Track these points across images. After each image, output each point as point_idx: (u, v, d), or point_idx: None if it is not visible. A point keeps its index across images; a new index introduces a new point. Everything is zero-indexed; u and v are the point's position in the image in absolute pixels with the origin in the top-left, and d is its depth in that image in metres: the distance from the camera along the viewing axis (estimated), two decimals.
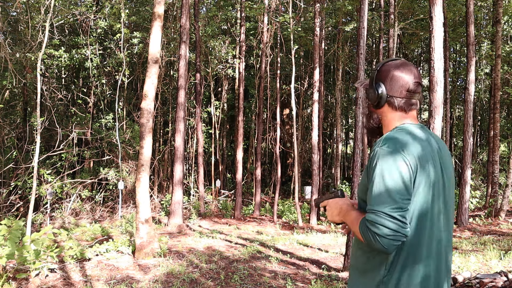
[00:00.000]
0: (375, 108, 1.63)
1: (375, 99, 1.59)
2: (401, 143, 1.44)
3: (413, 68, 1.57)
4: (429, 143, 1.50)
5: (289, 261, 6.41)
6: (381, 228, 1.35)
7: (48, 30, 7.66)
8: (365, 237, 1.40)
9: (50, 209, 10.40)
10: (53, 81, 14.35)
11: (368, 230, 1.39)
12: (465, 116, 9.39)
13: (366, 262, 1.52)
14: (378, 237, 1.36)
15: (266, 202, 15.21)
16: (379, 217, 1.37)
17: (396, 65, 1.57)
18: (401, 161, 1.41)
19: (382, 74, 1.58)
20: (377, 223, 1.36)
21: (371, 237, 1.38)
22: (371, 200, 1.41)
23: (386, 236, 1.35)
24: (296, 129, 14.34)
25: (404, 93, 1.55)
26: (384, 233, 1.35)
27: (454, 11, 12.76)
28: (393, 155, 1.42)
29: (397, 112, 1.58)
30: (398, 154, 1.42)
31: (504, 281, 4.19)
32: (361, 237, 1.43)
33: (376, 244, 1.37)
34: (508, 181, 9.50)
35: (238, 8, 15.97)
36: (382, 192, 1.39)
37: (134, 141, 12.99)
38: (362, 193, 1.57)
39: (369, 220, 1.39)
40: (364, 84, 1.71)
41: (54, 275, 5.27)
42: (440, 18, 4.94)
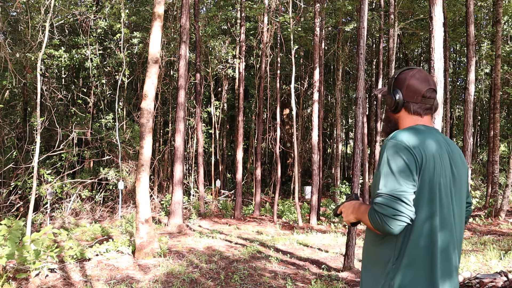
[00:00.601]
0: (393, 112, 1.77)
1: (393, 104, 1.73)
2: (407, 136, 1.58)
3: (428, 76, 1.71)
4: (437, 142, 1.61)
5: (289, 261, 6.41)
6: (387, 209, 1.46)
7: (48, 30, 7.66)
8: (373, 221, 1.51)
9: (50, 209, 10.40)
10: (53, 81, 14.35)
11: (375, 213, 1.49)
12: (465, 116, 9.39)
13: (377, 253, 1.61)
14: (384, 217, 1.46)
15: (266, 202, 15.22)
16: (384, 199, 1.49)
17: (412, 74, 1.71)
18: (405, 150, 1.53)
19: (399, 82, 1.72)
20: (383, 204, 1.48)
21: (377, 218, 1.48)
22: (379, 184, 1.53)
23: (391, 216, 1.45)
24: (296, 129, 14.34)
25: (419, 99, 1.69)
26: (389, 213, 1.46)
27: (454, 11, 12.76)
28: (399, 145, 1.55)
29: (413, 116, 1.71)
30: (403, 144, 1.55)
31: (504, 281, 4.19)
32: (370, 224, 1.53)
33: (383, 225, 1.47)
34: (508, 181, 9.50)
35: (238, 8, 15.97)
36: (388, 176, 1.52)
37: (134, 141, 12.99)
38: (373, 187, 1.67)
39: (376, 202, 1.50)
40: (383, 91, 1.83)
41: (54, 275, 5.27)
42: (440, 18, 4.93)
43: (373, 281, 1.62)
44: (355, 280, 5.29)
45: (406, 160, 1.51)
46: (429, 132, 1.62)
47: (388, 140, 1.60)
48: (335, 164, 16.79)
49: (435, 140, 1.60)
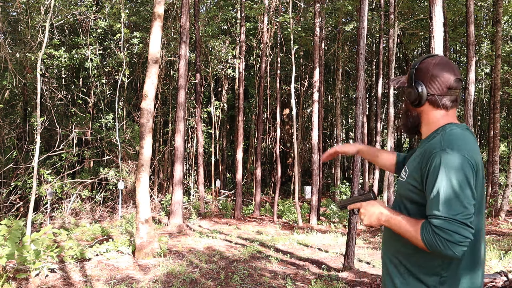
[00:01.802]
0: (415, 106, 1.60)
1: (416, 98, 1.56)
2: (463, 147, 1.42)
3: (452, 65, 1.56)
4: (477, 145, 1.51)
5: (289, 261, 6.41)
6: (454, 235, 1.34)
7: (48, 30, 7.66)
8: (431, 243, 1.37)
9: (50, 209, 10.40)
10: (53, 81, 14.35)
11: (437, 237, 1.36)
12: (465, 116, 9.38)
13: (422, 262, 1.50)
14: (450, 244, 1.34)
15: (266, 202, 15.22)
16: (451, 224, 1.34)
17: (435, 63, 1.55)
18: (467, 166, 1.38)
19: (421, 72, 1.56)
20: (450, 230, 1.34)
21: (439, 243, 1.35)
22: (439, 205, 1.37)
23: (458, 243, 1.33)
24: (296, 129, 14.34)
25: (445, 91, 1.53)
26: (457, 240, 1.33)
27: (454, 11, 12.76)
28: (459, 160, 1.39)
29: (439, 110, 1.56)
30: (463, 158, 1.39)
31: (504, 281, 4.19)
32: (423, 243, 1.40)
33: (446, 250, 1.35)
34: (508, 181, 9.50)
35: (238, 8, 15.96)
36: (452, 198, 1.36)
37: (134, 141, 12.99)
38: (406, 191, 1.55)
39: (440, 226, 1.35)
40: (400, 82, 1.68)
41: (54, 275, 5.27)
42: (440, 18, 4.94)
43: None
44: (355, 280, 5.29)
45: (468, 178, 1.37)
46: (473, 137, 1.50)
47: (443, 150, 1.42)
48: (335, 164, 16.78)
49: (477, 145, 1.50)
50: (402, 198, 1.58)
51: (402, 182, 1.59)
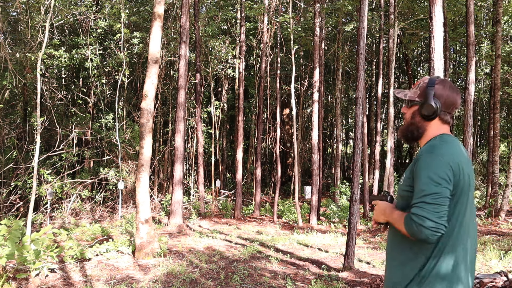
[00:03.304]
0: (426, 120, 1.82)
1: (432, 112, 1.79)
2: (444, 151, 1.68)
3: (457, 89, 1.85)
4: (465, 153, 1.77)
5: (289, 261, 6.41)
6: (425, 220, 1.57)
7: (48, 30, 7.66)
8: (410, 229, 1.61)
9: (50, 209, 10.40)
10: (53, 81, 14.34)
11: (413, 223, 1.59)
12: (465, 116, 9.38)
13: (408, 253, 1.72)
14: (423, 228, 1.57)
15: (266, 202, 15.21)
16: (424, 211, 1.58)
17: (449, 86, 1.82)
18: (445, 164, 1.64)
19: (438, 92, 1.80)
20: (422, 216, 1.58)
21: (415, 228, 1.59)
22: (416, 197, 1.63)
23: (429, 228, 1.56)
24: (296, 129, 14.34)
25: (452, 109, 1.82)
26: (428, 225, 1.56)
27: (454, 11, 12.76)
28: (435, 161, 1.65)
29: (443, 125, 1.83)
30: (439, 159, 1.65)
31: (504, 281, 4.19)
32: (406, 230, 1.64)
33: (420, 234, 1.58)
34: (508, 181, 9.50)
35: (238, 8, 15.96)
36: (426, 190, 1.61)
37: (134, 141, 12.99)
38: (403, 193, 1.79)
39: (415, 213, 1.60)
40: (408, 96, 1.88)
41: (54, 275, 5.27)
42: (440, 18, 4.93)
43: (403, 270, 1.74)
44: (355, 280, 5.29)
45: (445, 175, 1.62)
46: (460, 145, 1.78)
47: (427, 152, 1.68)
48: (335, 164, 16.78)
49: (464, 153, 1.76)
50: (402, 200, 1.81)
51: (400, 185, 1.84)
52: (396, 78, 22.95)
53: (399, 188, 1.84)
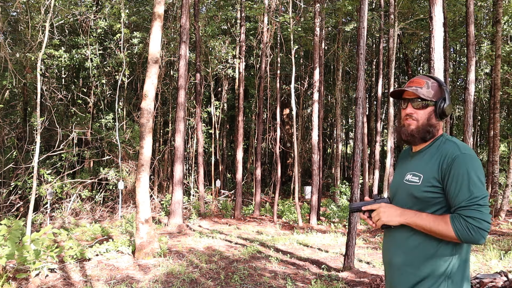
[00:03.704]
0: (440, 119, 1.80)
1: (449, 112, 1.79)
2: (472, 150, 1.68)
3: None
4: None
5: (289, 261, 6.41)
6: (484, 223, 1.53)
7: (48, 30, 7.66)
8: (464, 232, 1.54)
9: (50, 209, 10.40)
10: (53, 81, 14.34)
11: (470, 225, 1.53)
12: (465, 116, 9.38)
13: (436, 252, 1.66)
14: (482, 231, 1.52)
15: (266, 202, 15.21)
16: (482, 214, 1.54)
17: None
18: (480, 164, 1.64)
19: (447, 92, 1.81)
20: (481, 219, 1.53)
21: (472, 231, 1.53)
22: (470, 198, 1.56)
23: (487, 230, 1.53)
24: (296, 129, 14.34)
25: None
26: (486, 227, 1.53)
27: (454, 11, 12.76)
28: (477, 159, 1.64)
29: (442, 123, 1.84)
30: (477, 158, 1.65)
31: (504, 281, 4.19)
32: (455, 234, 1.56)
33: (479, 237, 1.53)
34: (508, 181, 9.50)
35: (238, 8, 15.96)
36: (481, 191, 1.57)
37: (134, 141, 12.99)
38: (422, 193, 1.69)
39: (472, 216, 1.54)
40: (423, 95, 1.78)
41: (54, 275, 5.27)
42: (440, 18, 4.93)
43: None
44: (355, 280, 5.29)
45: (483, 172, 1.64)
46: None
47: (463, 152, 1.64)
48: (335, 164, 16.78)
49: None
50: (416, 201, 1.71)
51: (414, 186, 1.73)
52: (396, 78, 22.95)
53: (412, 188, 1.73)
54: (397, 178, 1.88)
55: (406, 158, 1.91)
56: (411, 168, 1.79)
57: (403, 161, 1.92)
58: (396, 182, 1.87)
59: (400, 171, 1.89)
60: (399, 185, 1.82)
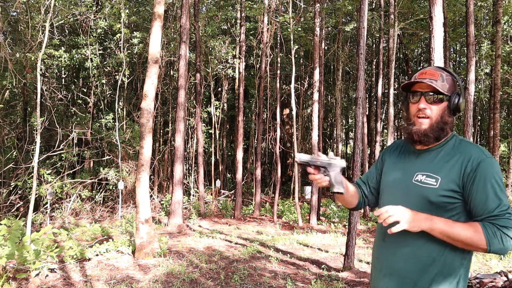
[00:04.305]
0: (453, 115, 1.64)
1: (463, 108, 1.63)
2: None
3: None
4: None
5: (289, 261, 6.41)
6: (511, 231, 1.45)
7: (48, 30, 7.66)
8: (496, 242, 1.44)
9: (50, 209, 10.40)
10: (53, 81, 14.34)
11: (503, 236, 1.44)
12: (465, 116, 9.38)
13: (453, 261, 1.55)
14: (511, 240, 1.44)
15: (266, 202, 15.21)
16: (510, 221, 1.45)
17: None
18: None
19: (461, 87, 1.67)
20: (508, 227, 1.45)
21: (504, 242, 1.43)
22: (500, 206, 1.47)
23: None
24: (296, 129, 14.34)
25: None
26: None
27: (454, 11, 12.76)
28: (497, 164, 1.54)
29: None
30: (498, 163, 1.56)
31: (504, 281, 4.19)
32: (486, 244, 1.44)
33: (507, 248, 1.44)
34: (508, 181, 9.50)
35: (238, 8, 15.96)
36: (505, 198, 1.48)
37: (134, 141, 12.99)
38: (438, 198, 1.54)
39: (507, 226, 1.44)
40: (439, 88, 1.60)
41: (54, 275, 5.27)
42: (440, 18, 4.93)
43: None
44: (355, 280, 5.29)
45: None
46: None
47: (487, 156, 1.52)
48: None
49: None
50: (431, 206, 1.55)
51: (430, 189, 1.55)
52: (396, 78, 22.95)
53: (427, 191, 1.55)
54: (398, 176, 1.68)
55: (408, 155, 1.71)
56: (422, 168, 1.61)
57: (404, 158, 1.72)
58: (399, 180, 1.67)
59: (401, 168, 1.70)
60: (405, 185, 1.63)
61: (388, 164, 1.80)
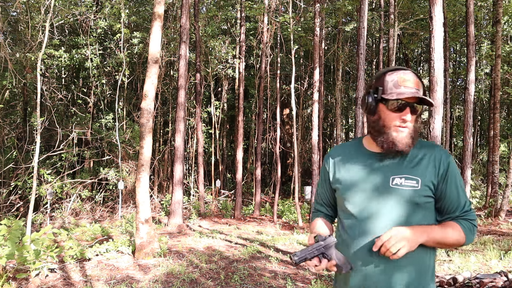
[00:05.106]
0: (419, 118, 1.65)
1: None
2: None
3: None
4: None
5: (289, 261, 6.41)
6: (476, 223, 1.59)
7: (48, 30, 7.66)
8: (471, 236, 1.55)
9: (50, 209, 10.40)
10: (53, 81, 14.35)
11: (474, 229, 1.56)
12: (465, 116, 9.38)
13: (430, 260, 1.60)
14: (476, 231, 1.57)
15: (266, 202, 15.21)
16: (475, 214, 1.58)
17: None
18: None
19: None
20: (475, 220, 1.58)
21: (475, 234, 1.57)
22: (466, 201, 1.57)
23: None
24: (296, 129, 14.34)
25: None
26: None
27: (454, 11, 12.76)
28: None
29: None
30: None
31: (504, 281, 4.19)
32: (466, 240, 1.54)
33: (474, 238, 1.56)
34: (508, 181, 9.50)
35: (238, 8, 15.97)
36: (465, 193, 1.60)
37: (134, 141, 12.99)
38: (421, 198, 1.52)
39: (475, 218, 1.57)
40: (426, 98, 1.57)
41: (54, 275, 5.27)
42: (440, 18, 4.93)
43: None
44: None
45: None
46: None
47: (449, 155, 1.58)
48: None
49: None
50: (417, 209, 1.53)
51: (413, 191, 1.51)
52: None
53: (411, 193, 1.52)
54: (367, 183, 1.58)
55: (366, 159, 1.62)
56: (396, 171, 1.54)
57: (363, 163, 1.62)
58: (371, 187, 1.57)
59: (366, 174, 1.59)
60: (382, 191, 1.54)
61: (343, 173, 1.66)
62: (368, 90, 1.63)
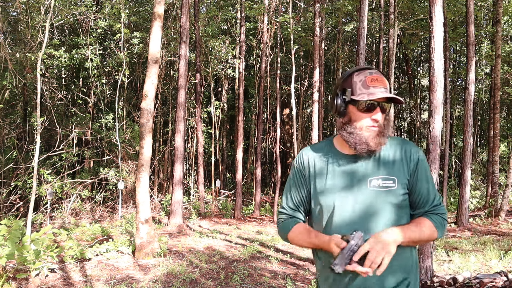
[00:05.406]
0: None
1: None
2: None
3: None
4: None
5: (289, 261, 6.41)
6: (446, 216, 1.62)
7: (48, 30, 7.66)
8: (443, 230, 1.58)
9: (50, 209, 10.40)
10: (53, 81, 14.34)
11: (444, 222, 1.58)
12: (465, 116, 9.38)
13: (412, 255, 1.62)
14: (446, 224, 1.60)
15: (266, 202, 15.21)
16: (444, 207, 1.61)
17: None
18: None
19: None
20: (446, 213, 1.60)
21: (445, 227, 1.59)
22: (435, 195, 1.59)
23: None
24: (296, 129, 14.34)
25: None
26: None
27: (454, 11, 12.75)
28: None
29: None
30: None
31: (504, 281, 4.19)
32: (438, 234, 1.56)
33: (445, 232, 1.60)
34: (508, 181, 9.50)
35: (238, 8, 15.96)
36: (435, 188, 1.62)
37: (134, 141, 12.99)
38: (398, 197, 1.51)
39: (445, 212, 1.60)
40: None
41: (54, 275, 5.27)
42: (440, 18, 4.93)
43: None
44: None
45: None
46: None
47: (419, 148, 1.61)
48: None
49: None
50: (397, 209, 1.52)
51: (392, 191, 1.50)
52: (396, 78, 22.96)
53: (390, 194, 1.50)
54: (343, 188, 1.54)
55: (339, 161, 1.58)
56: (371, 172, 1.52)
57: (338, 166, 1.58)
58: (347, 192, 1.53)
59: (341, 177, 1.56)
60: (360, 194, 1.51)
61: (318, 177, 1.61)
62: (336, 92, 1.60)
